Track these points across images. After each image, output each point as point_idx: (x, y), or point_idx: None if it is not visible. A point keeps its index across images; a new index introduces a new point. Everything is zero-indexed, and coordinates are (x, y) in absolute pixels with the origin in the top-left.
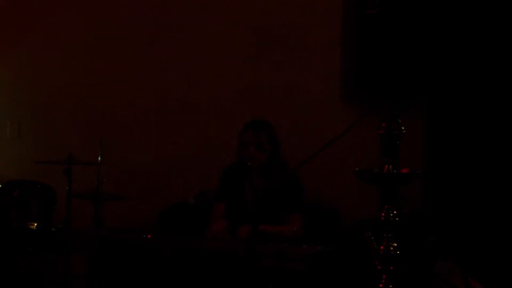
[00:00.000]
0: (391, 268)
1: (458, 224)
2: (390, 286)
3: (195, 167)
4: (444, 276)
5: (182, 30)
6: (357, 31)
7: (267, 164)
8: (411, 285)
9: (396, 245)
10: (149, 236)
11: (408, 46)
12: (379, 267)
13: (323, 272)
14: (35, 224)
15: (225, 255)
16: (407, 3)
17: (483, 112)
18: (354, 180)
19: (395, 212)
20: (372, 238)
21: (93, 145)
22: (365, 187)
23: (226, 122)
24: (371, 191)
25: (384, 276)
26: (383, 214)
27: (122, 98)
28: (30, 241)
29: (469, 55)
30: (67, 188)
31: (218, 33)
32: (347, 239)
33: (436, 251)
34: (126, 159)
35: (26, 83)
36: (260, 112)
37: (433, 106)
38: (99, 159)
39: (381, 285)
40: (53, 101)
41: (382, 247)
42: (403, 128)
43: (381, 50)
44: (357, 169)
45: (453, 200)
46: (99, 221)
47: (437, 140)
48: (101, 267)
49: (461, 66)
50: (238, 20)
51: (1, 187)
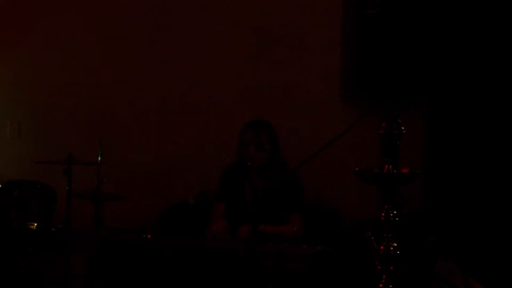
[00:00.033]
0: (391, 268)
1: (458, 224)
2: (390, 286)
3: (195, 167)
4: (444, 276)
5: (182, 30)
6: (357, 31)
7: (267, 164)
8: (411, 285)
9: (396, 245)
10: (149, 236)
11: (408, 46)
12: (379, 267)
13: (323, 272)
14: (35, 224)
15: (225, 255)
16: (407, 3)
17: (483, 112)
18: (354, 180)
19: (395, 212)
20: (372, 238)
21: (93, 145)
22: (365, 187)
23: (226, 122)
24: (371, 191)
25: (384, 276)
26: (383, 214)
27: (122, 98)
28: (30, 241)
29: (469, 55)
30: (67, 188)
31: (218, 33)
32: (347, 239)
33: (436, 251)
34: (126, 159)
35: (26, 83)
36: (260, 112)
37: (433, 106)
38: (99, 159)
39: (381, 285)
40: (53, 101)
41: (382, 247)
42: (403, 128)
43: (381, 50)
44: (357, 169)
45: (453, 200)
46: (99, 221)
47: (437, 140)
48: (101, 267)
49: (461, 66)
50: (238, 20)
51: (1, 187)
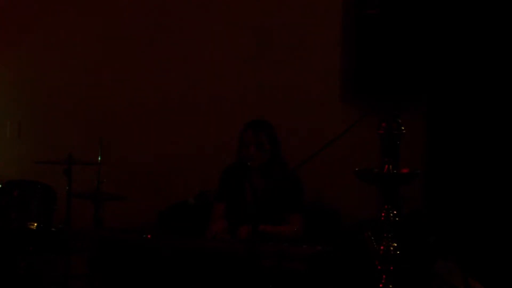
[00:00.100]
0: (391, 268)
1: (458, 224)
2: (390, 286)
3: (195, 167)
4: (444, 276)
5: (182, 30)
6: (357, 31)
7: (267, 164)
8: (411, 285)
9: (396, 245)
10: (149, 236)
11: (408, 46)
12: (379, 267)
13: (323, 272)
14: (35, 224)
15: (225, 255)
16: (407, 3)
17: (483, 112)
18: (354, 180)
19: (395, 212)
20: (372, 238)
21: (93, 145)
22: (365, 187)
23: (226, 122)
24: (371, 191)
25: (384, 276)
26: (383, 214)
27: (122, 98)
28: (30, 241)
29: (469, 55)
30: (67, 188)
31: (218, 33)
32: (347, 239)
33: (436, 251)
34: (126, 159)
35: (26, 83)
36: (260, 112)
37: (433, 106)
38: (99, 159)
39: (381, 285)
40: (53, 101)
41: (382, 247)
42: (403, 128)
43: (381, 50)
44: (357, 169)
45: (453, 200)
46: (99, 221)
47: (437, 140)
48: (101, 267)
49: (461, 66)
50: (238, 20)
51: (1, 187)
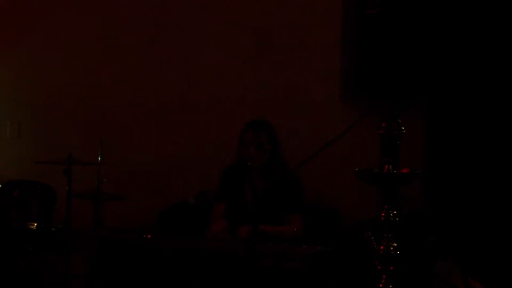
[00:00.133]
0: (391, 268)
1: (458, 224)
2: (390, 286)
3: (195, 167)
4: (444, 276)
5: (182, 30)
6: (357, 31)
7: (267, 164)
8: (411, 285)
9: (396, 245)
10: (149, 236)
11: (408, 46)
12: (379, 267)
13: (323, 272)
14: (35, 224)
15: (225, 255)
16: (407, 3)
17: (483, 112)
18: (354, 180)
19: (395, 212)
20: (372, 238)
21: (93, 145)
22: (365, 187)
23: (226, 122)
24: (371, 191)
25: (384, 276)
26: (383, 214)
27: (122, 98)
28: (30, 241)
29: (469, 55)
30: (67, 188)
31: (218, 33)
32: (347, 239)
33: (436, 251)
34: (126, 159)
35: (26, 83)
36: (260, 112)
37: (433, 106)
38: (99, 159)
39: (381, 285)
40: (53, 101)
41: (382, 247)
42: (403, 128)
43: (381, 50)
44: (357, 169)
45: (453, 200)
46: (99, 221)
47: (437, 140)
48: (101, 267)
49: (461, 66)
50: (238, 20)
51: (1, 187)
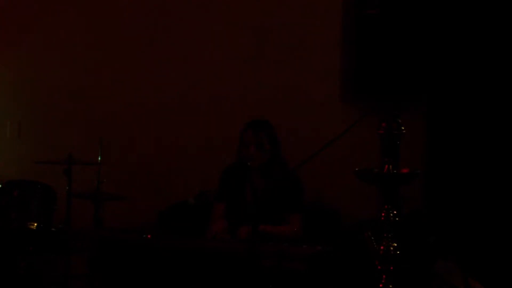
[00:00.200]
0: (391, 268)
1: (458, 224)
2: (390, 286)
3: (195, 167)
4: (444, 276)
5: (182, 30)
6: (357, 31)
7: (267, 164)
8: (411, 285)
9: (396, 245)
10: (149, 236)
11: (408, 46)
12: (379, 267)
13: (323, 272)
14: (35, 224)
15: (225, 255)
16: (407, 3)
17: (483, 112)
18: (354, 180)
19: (395, 212)
20: (372, 238)
21: (93, 145)
22: (365, 187)
23: (226, 122)
24: (371, 191)
25: (384, 276)
26: (383, 214)
27: (122, 98)
28: (30, 241)
29: (469, 55)
30: (67, 188)
31: (218, 33)
32: (347, 239)
33: (436, 251)
34: (126, 159)
35: (26, 83)
36: (260, 112)
37: (433, 106)
38: (99, 159)
39: (381, 285)
40: (53, 101)
41: (382, 247)
42: (403, 128)
43: (381, 50)
44: (357, 169)
45: (453, 200)
46: (99, 221)
47: (437, 140)
48: (101, 267)
49: (461, 66)
50: (238, 20)
51: (1, 187)
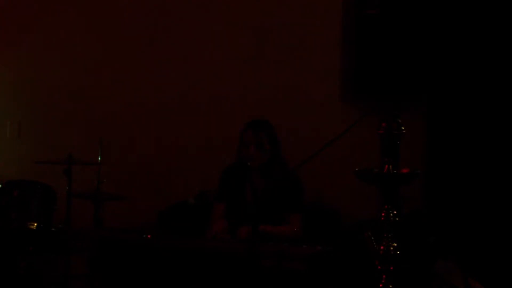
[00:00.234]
0: (391, 268)
1: (458, 224)
2: (390, 286)
3: (195, 167)
4: (444, 276)
5: (182, 30)
6: (357, 31)
7: (267, 164)
8: (411, 285)
9: (396, 245)
10: (149, 236)
11: (408, 46)
12: (379, 267)
13: (323, 272)
14: (35, 224)
15: (225, 255)
16: (407, 3)
17: (483, 112)
18: (354, 180)
19: (395, 212)
20: (372, 238)
21: (93, 145)
22: (365, 187)
23: (226, 122)
24: (371, 191)
25: (384, 276)
26: (383, 214)
27: (122, 98)
28: (30, 241)
29: (469, 55)
30: (67, 188)
31: (218, 33)
32: (347, 239)
33: (436, 251)
34: (126, 159)
35: (26, 83)
36: (260, 112)
37: (433, 106)
38: (99, 159)
39: (381, 285)
40: (53, 101)
41: (382, 247)
42: (403, 128)
43: (381, 50)
44: (357, 169)
45: (453, 200)
46: (99, 221)
47: (437, 140)
48: (101, 267)
49: (461, 66)
50: (238, 20)
51: (1, 187)
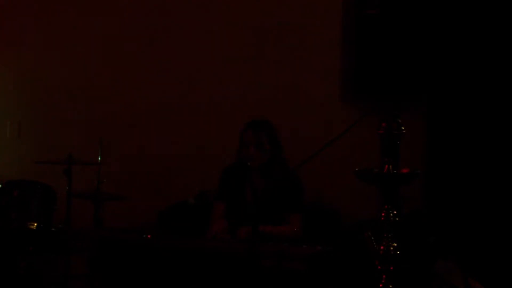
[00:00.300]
0: (391, 268)
1: (458, 224)
2: (390, 286)
3: (195, 167)
4: (444, 276)
5: (182, 30)
6: (357, 31)
7: (267, 164)
8: (411, 285)
9: (396, 245)
10: (149, 236)
11: (408, 46)
12: (379, 267)
13: (323, 272)
14: (35, 224)
15: (225, 255)
16: (407, 3)
17: (483, 112)
18: (354, 180)
19: (395, 212)
20: (372, 238)
21: (93, 145)
22: (365, 187)
23: (226, 122)
24: (371, 191)
25: (384, 276)
26: (383, 214)
27: (122, 98)
28: (30, 241)
29: (469, 55)
30: (67, 188)
31: (218, 33)
32: (347, 239)
33: (436, 251)
34: (126, 159)
35: (26, 83)
36: (260, 112)
37: (433, 106)
38: (99, 159)
39: (381, 285)
40: (53, 101)
41: (382, 247)
42: (403, 128)
43: (381, 50)
44: (357, 169)
45: (453, 200)
46: (99, 221)
47: (437, 140)
48: (101, 267)
49: (461, 66)
50: (238, 20)
51: (1, 187)
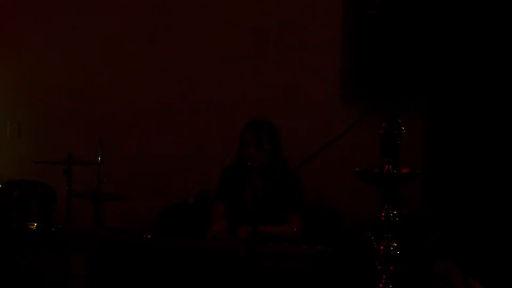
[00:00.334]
0: (391, 268)
1: (458, 224)
2: (390, 286)
3: (195, 167)
4: (444, 276)
5: (182, 30)
6: (357, 31)
7: (267, 164)
8: (411, 285)
9: (396, 245)
10: (149, 236)
11: (408, 46)
12: (379, 267)
13: (323, 272)
14: (35, 224)
15: (225, 255)
16: (407, 3)
17: (483, 112)
18: (354, 180)
19: (395, 212)
20: (372, 238)
21: (93, 145)
22: (365, 187)
23: (226, 122)
24: (371, 191)
25: (384, 276)
26: (383, 214)
27: (122, 98)
28: (30, 241)
29: (469, 55)
30: (67, 188)
31: (218, 33)
32: (347, 239)
33: (436, 251)
34: (126, 159)
35: (26, 83)
36: (260, 112)
37: (433, 106)
38: (99, 159)
39: (381, 285)
40: (53, 101)
41: (382, 247)
42: (403, 128)
43: (381, 50)
44: (357, 169)
45: (453, 200)
46: (99, 221)
47: (437, 140)
48: (101, 267)
49: (461, 66)
50: (238, 20)
51: (1, 187)
